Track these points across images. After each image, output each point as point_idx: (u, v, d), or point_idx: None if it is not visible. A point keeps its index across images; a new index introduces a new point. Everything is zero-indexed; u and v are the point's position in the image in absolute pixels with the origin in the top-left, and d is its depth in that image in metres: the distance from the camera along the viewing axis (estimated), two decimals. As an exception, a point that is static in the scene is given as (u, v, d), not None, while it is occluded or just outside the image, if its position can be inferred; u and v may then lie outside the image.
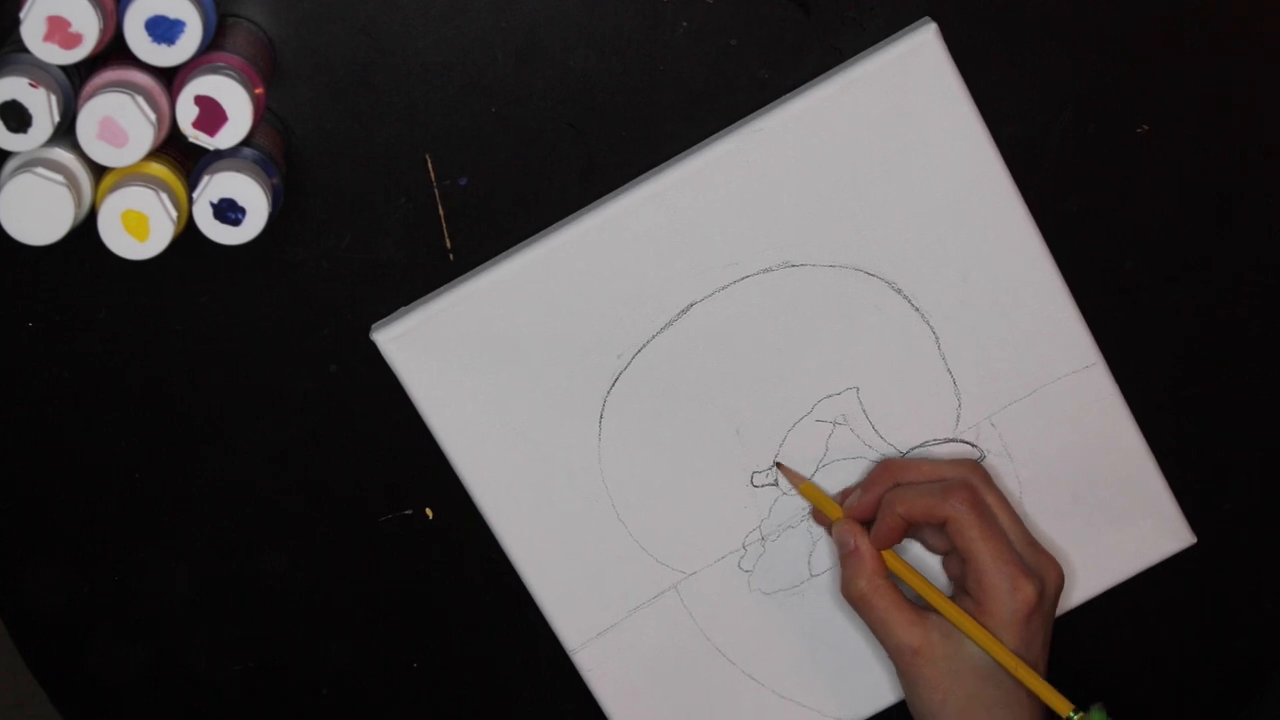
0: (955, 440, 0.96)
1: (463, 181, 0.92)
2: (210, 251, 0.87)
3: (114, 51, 0.83)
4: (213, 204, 0.85)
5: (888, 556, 0.92)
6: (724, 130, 0.91)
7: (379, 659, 1.00)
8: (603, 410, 0.94)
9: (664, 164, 0.92)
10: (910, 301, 0.94)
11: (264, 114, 0.88)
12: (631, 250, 0.92)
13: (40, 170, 0.83)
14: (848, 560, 0.92)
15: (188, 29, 0.82)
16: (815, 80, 0.91)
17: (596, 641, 0.97)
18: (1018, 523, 0.91)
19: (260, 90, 0.85)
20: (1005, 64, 0.92)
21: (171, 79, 0.85)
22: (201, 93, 0.83)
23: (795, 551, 0.97)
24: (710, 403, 0.95)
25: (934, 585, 0.91)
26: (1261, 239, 0.97)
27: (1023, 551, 0.90)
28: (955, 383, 0.95)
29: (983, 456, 0.96)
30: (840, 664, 0.98)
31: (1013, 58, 0.92)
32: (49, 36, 0.81)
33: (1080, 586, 0.98)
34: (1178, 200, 0.95)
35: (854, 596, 0.91)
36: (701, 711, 0.98)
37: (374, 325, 0.93)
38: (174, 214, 0.84)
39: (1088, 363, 0.95)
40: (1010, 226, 0.92)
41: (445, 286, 0.92)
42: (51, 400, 0.94)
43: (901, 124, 0.91)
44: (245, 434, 0.95)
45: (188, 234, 0.87)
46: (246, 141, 0.86)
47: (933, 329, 0.94)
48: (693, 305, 0.93)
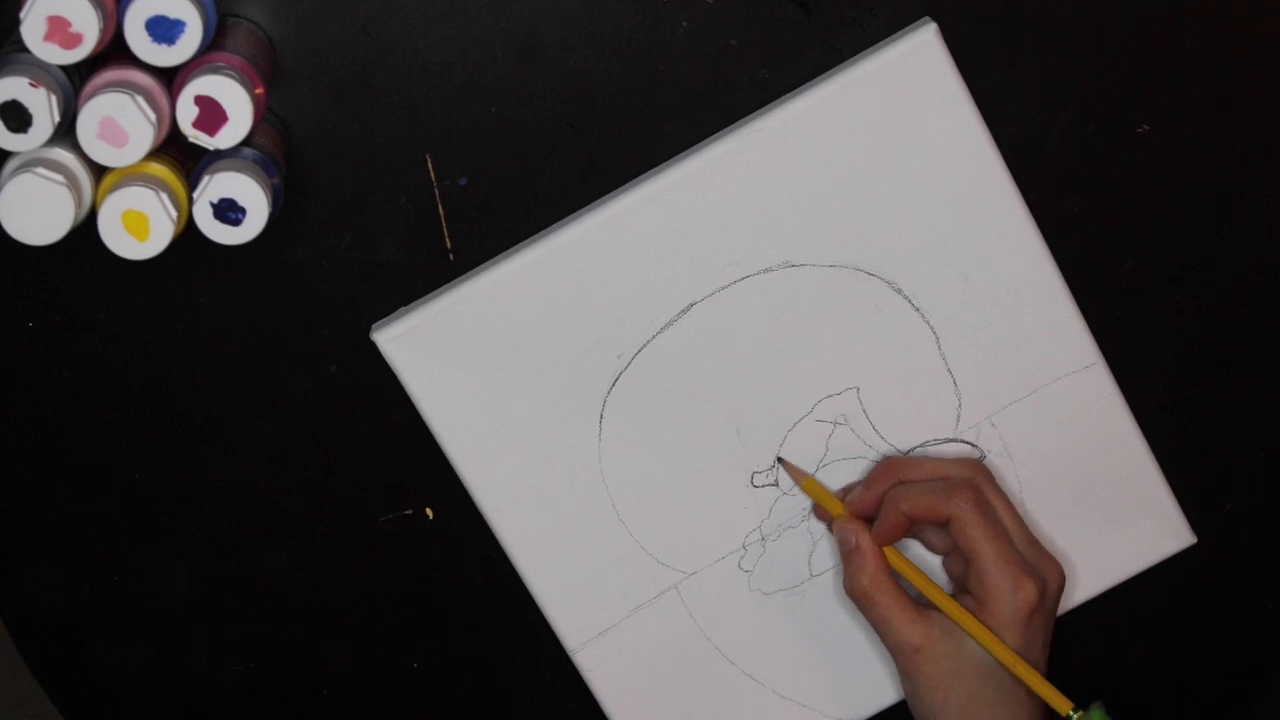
0: (955, 440, 0.96)
1: (463, 181, 0.92)
2: (210, 251, 0.87)
3: (114, 51, 0.83)
4: (213, 204, 0.85)
5: (889, 554, 0.92)
6: (724, 130, 0.91)
7: (379, 659, 1.00)
8: (603, 410, 0.94)
9: (664, 164, 0.92)
10: (910, 301, 0.94)
11: (264, 114, 0.88)
12: (631, 250, 0.92)
13: (40, 170, 0.83)
14: (850, 557, 0.92)
15: (188, 29, 0.82)
16: (815, 80, 0.91)
17: (597, 641, 0.97)
18: (1020, 522, 0.91)
19: (260, 90, 0.85)
20: (1005, 64, 0.92)
21: (172, 79, 0.85)
22: (202, 93, 0.83)
23: (795, 552, 0.97)
24: (710, 403, 0.94)
25: (935, 583, 0.91)
26: (1262, 239, 0.97)
27: (1025, 551, 0.90)
28: (955, 383, 0.95)
29: (983, 456, 0.96)
30: (840, 664, 0.98)
31: (1013, 58, 0.92)
32: (49, 36, 0.80)
33: (1080, 586, 0.98)
34: (1178, 200, 0.95)
35: (856, 593, 0.91)
36: (701, 711, 0.98)
37: (374, 325, 0.93)
38: (174, 214, 0.84)
39: (1088, 363, 0.95)
40: (1010, 226, 0.92)
41: (445, 286, 0.92)
42: (51, 400, 0.94)
43: (902, 124, 0.91)
44: (245, 434, 0.95)
45: (188, 234, 0.86)
46: (247, 141, 0.86)
47: (933, 329, 0.94)
48: (693, 305, 0.93)
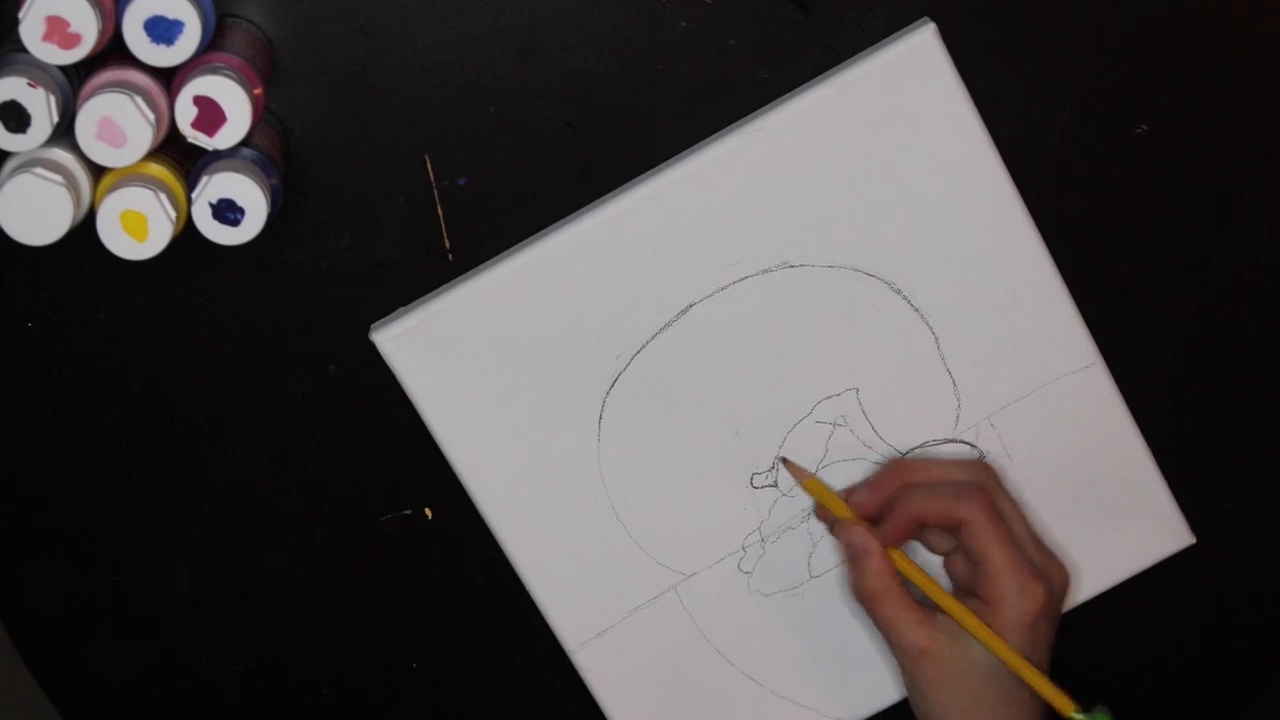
0: (955, 440, 0.96)
1: (461, 181, 0.92)
2: (209, 252, 0.87)
3: (113, 52, 0.83)
4: (211, 204, 0.85)
5: (895, 556, 0.91)
6: (723, 130, 0.91)
7: (379, 659, 1.00)
8: (602, 411, 0.94)
9: (663, 164, 0.92)
10: (909, 302, 0.93)
11: (263, 114, 0.88)
12: (630, 250, 0.92)
13: (39, 170, 0.83)
14: (856, 560, 0.91)
15: (186, 29, 0.82)
16: (814, 80, 0.91)
17: (596, 642, 0.97)
18: (1026, 525, 0.91)
19: (259, 90, 0.85)
20: (1004, 64, 0.92)
21: (170, 79, 0.85)
22: (200, 93, 0.83)
23: (795, 553, 0.97)
24: (709, 404, 0.94)
25: (940, 585, 0.91)
26: (1261, 239, 0.96)
27: (1031, 554, 0.90)
28: (955, 383, 0.95)
29: (982, 457, 0.96)
30: (839, 665, 0.98)
31: (1012, 58, 0.92)
32: (48, 36, 0.80)
33: (1080, 586, 0.98)
34: (1177, 200, 0.95)
35: (863, 596, 0.91)
36: (701, 712, 0.98)
37: (373, 325, 0.93)
38: (173, 214, 0.84)
39: (1087, 363, 0.95)
40: (1009, 227, 0.92)
41: (444, 287, 0.92)
42: (51, 400, 0.94)
43: (900, 124, 0.91)
44: (244, 434, 0.95)
45: (186, 234, 0.87)
46: (245, 142, 0.86)
47: (932, 329, 0.94)
48: (692, 306, 0.93)
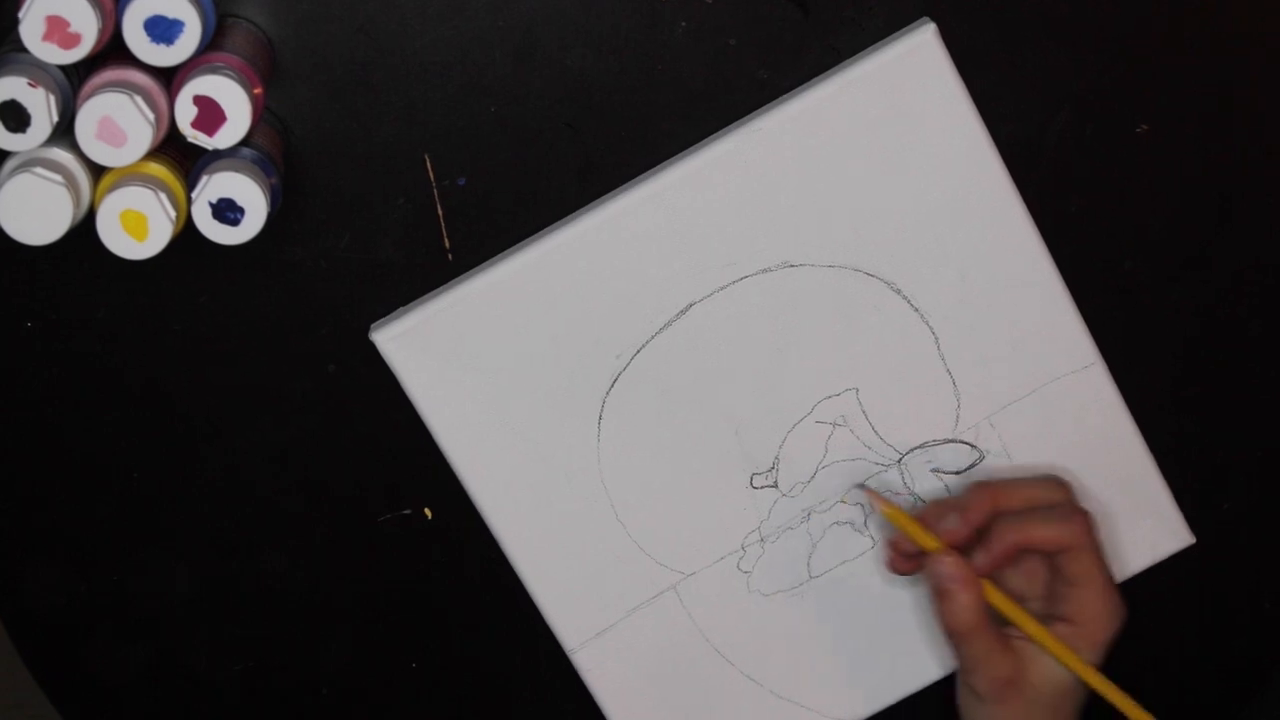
0: (955, 440, 0.96)
1: (461, 181, 0.92)
2: (209, 251, 0.87)
3: (113, 51, 0.83)
4: (211, 204, 0.85)
5: (984, 585, 0.89)
6: (722, 130, 0.91)
7: (379, 659, 1.00)
8: (601, 411, 0.94)
9: (663, 164, 0.91)
10: (909, 302, 0.93)
11: (263, 114, 0.88)
12: (630, 250, 0.92)
13: (39, 170, 0.83)
14: (949, 594, 0.88)
15: (186, 29, 0.82)
16: (814, 80, 0.91)
17: (595, 641, 0.97)
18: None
19: (259, 90, 0.85)
20: (1004, 64, 0.92)
21: (170, 79, 0.85)
22: (200, 93, 0.83)
23: (794, 553, 0.97)
24: (709, 403, 0.94)
25: (1027, 611, 0.89)
26: (1262, 239, 0.96)
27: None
28: (954, 383, 0.95)
29: (982, 457, 0.96)
30: (839, 665, 0.98)
31: (1011, 57, 0.92)
32: (48, 36, 0.81)
33: (1080, 587, 0.98)
34: (1177, 200, 0.95)
35: (953, 630, 0.88)
36: (700, 712, 0.98)
37: (373, 325, 0.93)
38: (173, 214, 0.84)
39: (1087, 362, 0.95)
40: (1009, 226, 0.92)
41: (444, 286, 0.92)
42: (50, 400, 0.94)
43: (900, 124, 0.91)
44: (244, 434, 0.95)
45: (186, 234, 0.87)
46: (245, 141, 0.86)
47: (932, 329, 0.94)
48: (692, 305, 0.93)
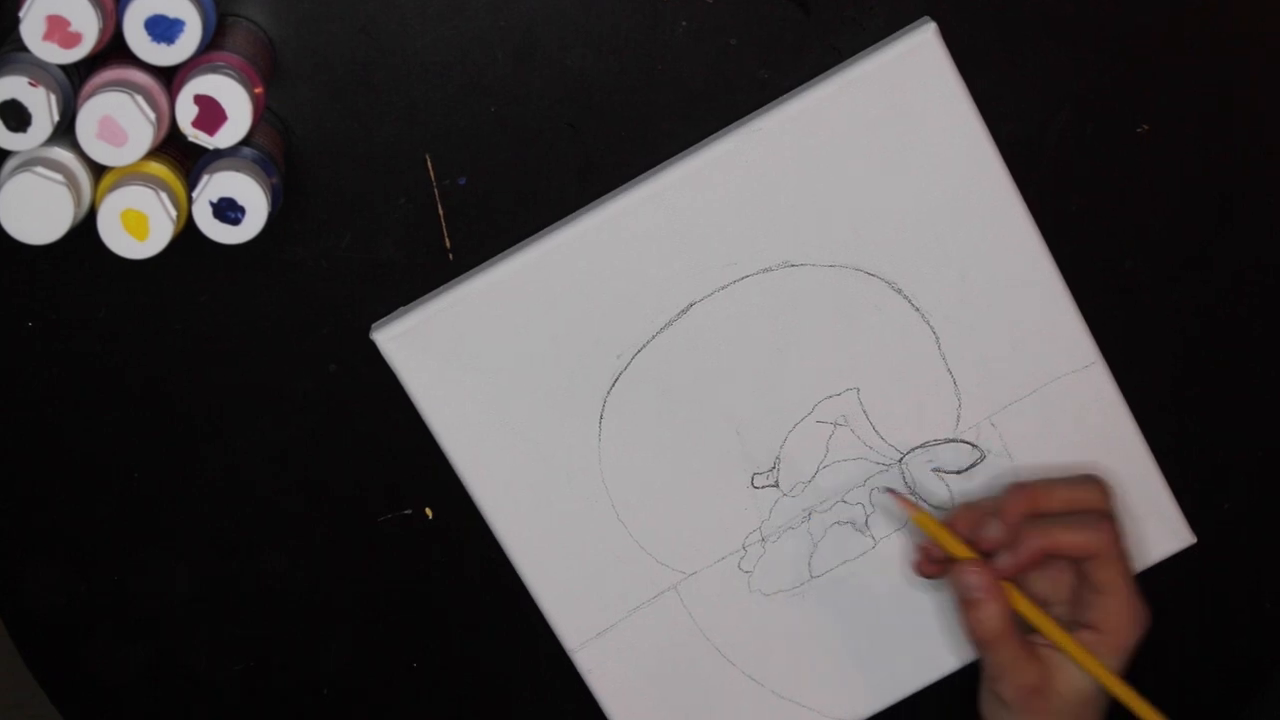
0: (956, 440, 0.96)
1: (462, 181, 0.92)
2: (210, 251, 0.87)
3: (113, 51, 0.83)
4: (212, 203, 0.85)
5: (1010, 592, 0.88)
6: (723, 130, 0.91)
7: (379, 659, 1.00)
8: (602, 410, 0.94)
9: (663, 164, 0.92)
10: (910, 301, 0.93)
11: (263, 113, 0.88)
12: (631, 250, 0.92)
13: (40, 169, 0.83)
14: (976, 603, 0.88)
15: (187, 28, 0.82)
16: (814, 80, 0.91)
17: (596, 641, 0.97)
18: None
19: (260, 90, 0.85)
20: (1004, 63, 0.92)
21: (171, 78, 0.85)
22: (201, 92, 0.83)
23: (795, 553, 0.97)
24: (710, 403, 0.94)
25: (1052, 619, 0.89)
26: (1262, 238, 0.96)
27: None
28: (955, 382, 0.95)
29: (983, 457, 0.96)
30: (839, 665, 0.98)
31: (1012, 57, 0.92)
32: (48, 35, 0.81)
33: (1080, 587, 0.98)
34: (1178, 200, 0.95)
35: (980, 639, 0.88)
36: (700, 712, 0.98)
37: (373, 325, 0.93)
38: (173, 213, 0.84)
39: (1087, 362, 0.95)
40: (1010, 226, 0.92)
41: (445, 286, 0.92)
42: (51, 400, 0.94)
43: (901, 123, 0.91)
44: (245, 434, 0.95)
45: (187, 233, 0.87)
46: (246, 141, 0.86)
47: (932, 329, 0.94)
48: (692, 305, 0.93)
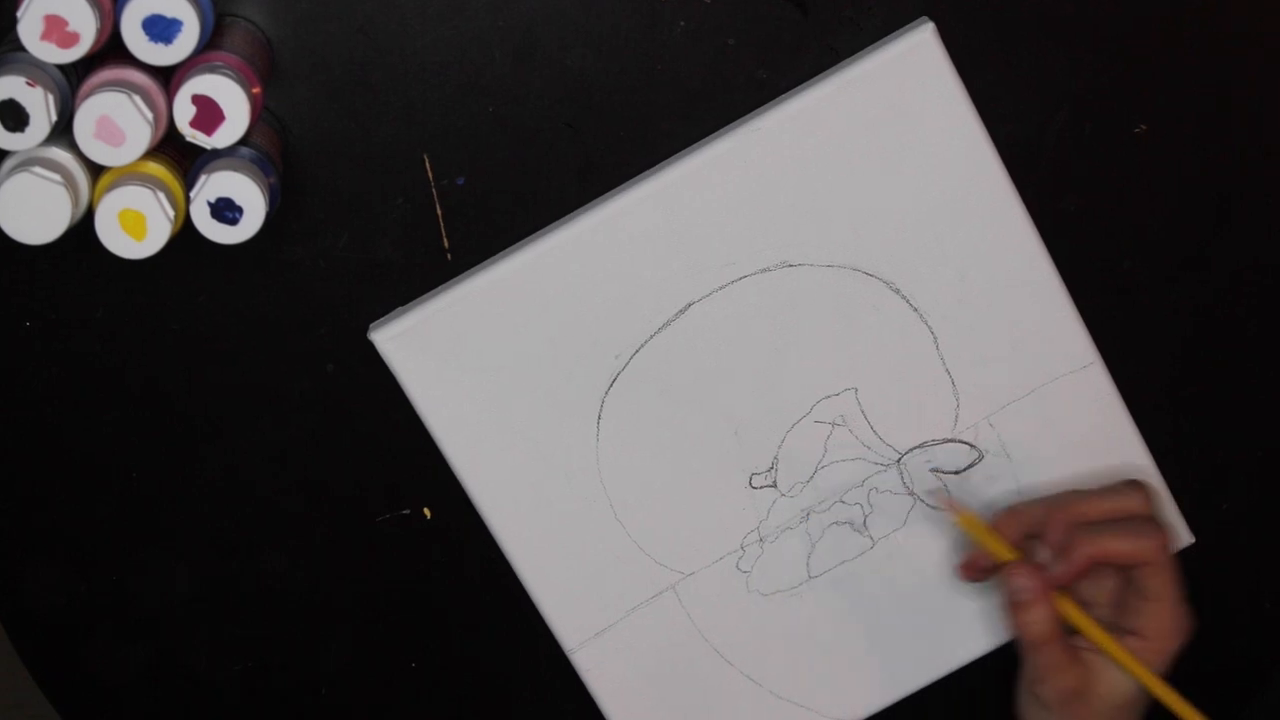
0: (954, 440, 0.96)
1: (460, 181, 0.92)
2: (208, 251, 0.87)
3: (111, 50, 0.84)
4: (210, 203, 0.85)
5: (1057, 598, 0.89)
6: (721, 130, 0.91)
7: (378, 659, 1.00)
8: (601, 410, 0.94)
9: (661, 164, 0.91)
10: (908, 301, 0.93)
11: (261, 113, 0.88)
12: (629, 250, 0.92)
13: (37, 169, 0.83)
14: (1025, 606, 0.88)
15: (185, 28, 0.82)
16: (813, 80, 0.91)
17: (594, 641, 0.97)
18: None
19: (257, 89, 0.85)
20: (1002, 63, 0.92)
21: (169, 78, 0.85)
22: (199, 92, 0.83)
23: (793, 553, 0.97)
24: (708, 403, 0.94)
25: (1099, 624, 0.89)
26: (1261, 239, 0.96)
27: None
28: (953, 382, 0.95)
29: (981, 456, 0.96)
30: (838, 665, 0.98)
31: (1010, 57, 0.92)
32: (46, 35, 0.81)
33: (1079, 587, 0.98)
34: (1176, 200, 0.95)
35: (1033, 640, 0.88)
36: (699, 712, 0.98)
37: (372, 325, 0.93)
38: (171, 213, 0.84)
39: (1085, 362, 0.95)
40: (1008, 226, 0.92)
41: (443, 286, 0.92)
42: (49, 400, 0.94)
43: (899, 124, 0.91)
44: (243, 433, 0.95)
45: (185, 233, 0.87)
46: (244, 141, 0.86)
47: (931, 329, 0.94)
48: (690, 305, 0.93)
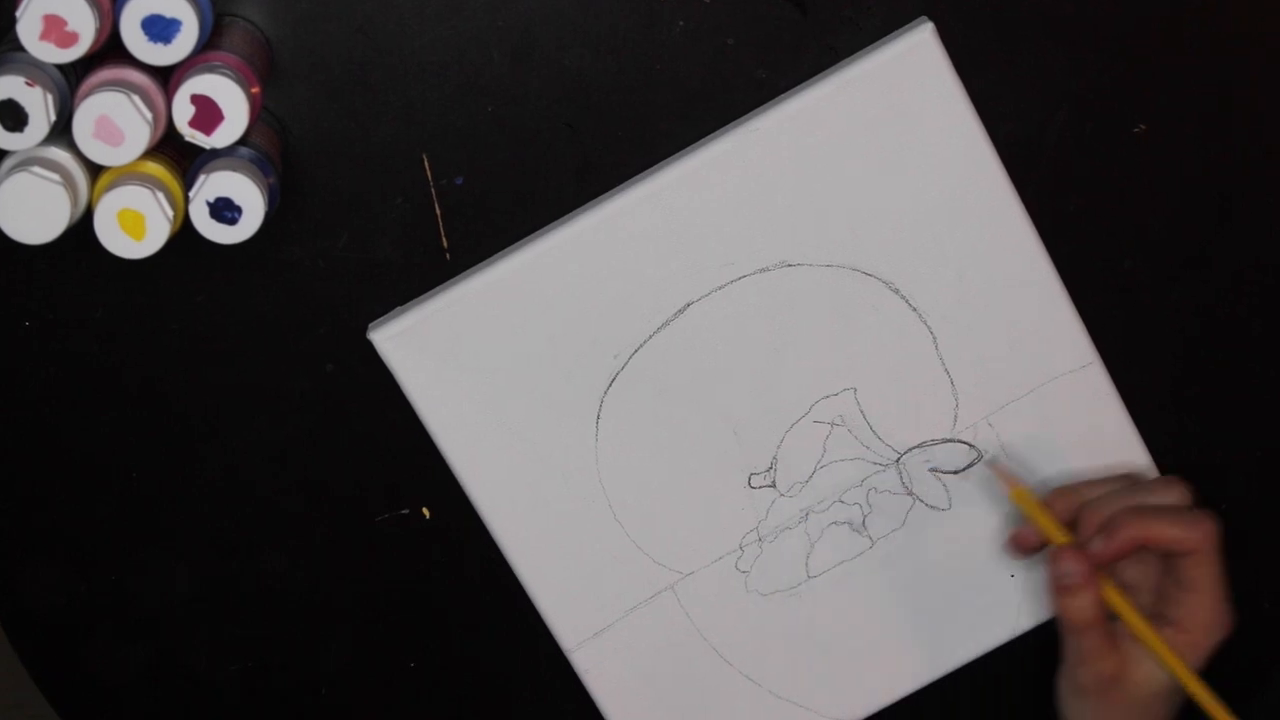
0: (953, 440, 0.96)
1: (459, 181, 0.92)
2: (207, 251, 0.87)
3: (110, 50, 0.84)
4: (209, 203, 0.85)
5: (1101, 582, 0.90)
6: (720, 130, 0.91)
7: (379, 659, 1.00)
8: (599, 410, 0.94)
9: (660, 164, 0.91)
10: (907, 301, 0.93)
11: (260, 113, 0.88)
12: (628, 250, 0.92)
13: (36, 169, 0.83)
14: (1071, 589, 0.89)
15: (184, 28, 0.82)
16: (812, 80, 0.91)
17: (593, 641, 0.96)
18: None
19: (256, 89, 0.85)
20: (1002, 63, 0.92)
21: (168, 78, 0.85)
22: (198, 92, 0.83)
23: (792, 553, 0.97)
24: (707, 403, 0.94)
25: (1139, 611, 0.90)
26: (1262, 238, 0.96)
27: None
28: (953, 382, 0.95)
29: (980, 456, 0.96)
30: (837, 664, 0.98)
31: (1010, 57, 0.92)
32: (45, 35, 0.81)
33: (1079, 587, 0.98)
34: (1177, 199, 0.95)
35: (1076, 624, 0.89)
36: (698, 712, 0.98)
37: (371, 325, 0.93)
38: (170, 213, 0.84)
39: (1085, 362, 0.95)
40: (1007, 226, 0.92)
41: (442, 286, 0.92)
42: (48, 400, 0.94)
43: (898, 123, 0.91)
44: (242, 433, 0.95)
45: (184, 233, 0.87)
46: (243, 141, 0.86)
47: (930, 329, 0.94)
48: (689, 305, 0.93)
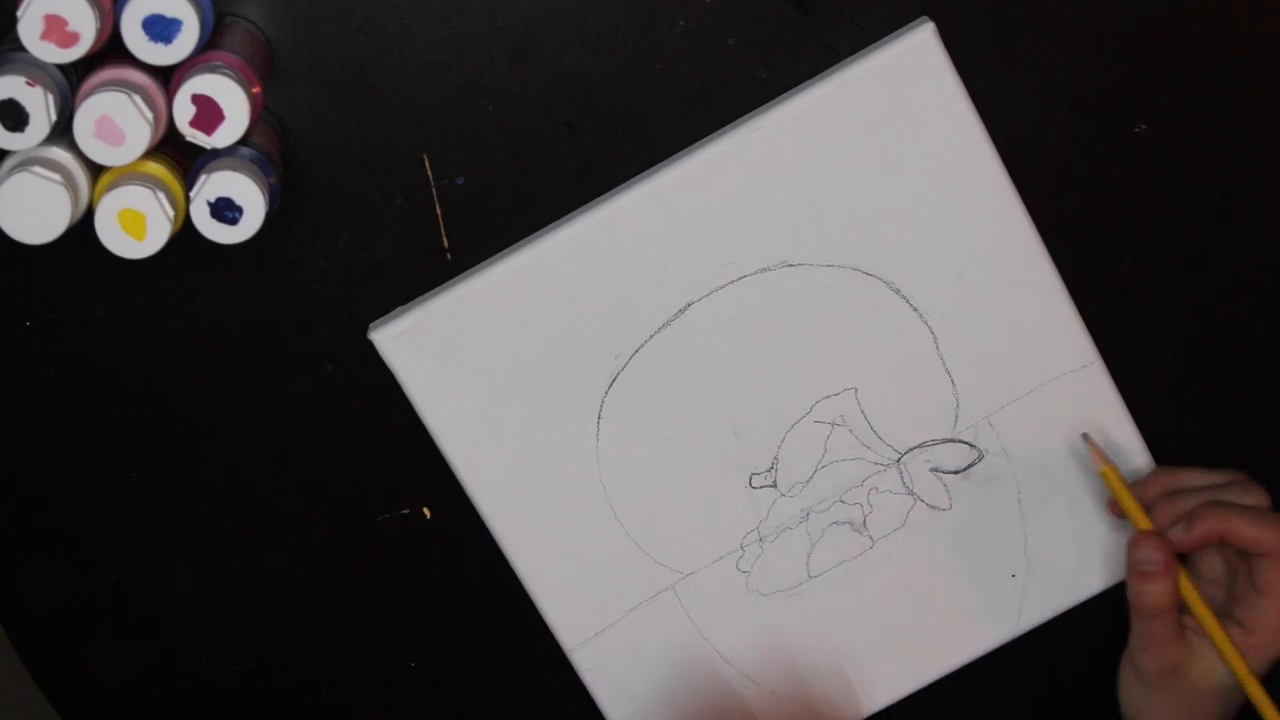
0: (954, 440, 0.96)
1: (460, 181, 0.92)
2: (207, 251, 0.87)
3: (111, 50, 0.84)
4: (210, 203, 0.85)
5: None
6: (721, 130, 0.91)
7: (379, 659, 1.00)
8: (600, 411, 0.94)
9: (661, 164, 0.91)
10: (908, 301, 0.93)
11: (261, 113, 0.88)
12: (628, 250, 0.92)
13: (37, 169, 0.83)
14: (1149, 576, 0.89)
15: (185, 28, 0.82)
16: (812, 80, 0.91)
17: (594, 641, 0.97)
18: None
19: (257, 89, 0.85)
20: (1002, 63, 0.92)
21: (169, 78, 0.85)
22: (198, 92, 0.83)
23: (793, 553, 0.97)
24: (708, 403, 0.94)
25: (1209, 605, 0.90)
26: (1262, 238, 0.96)
27: None
28: (953, 382, 0.95)
29: (981, 456, 0.96)
30: (837, 665, 0.98)
31: (1010, 57, 0.92)
32: (46, 35, 0.81)
33: (1079, 587, 0.98)
34: (1177, 200, 0.95)
35: (1149, 610, 0.90)
36: (698, 711, 0.98)
37: (371, 325, 0.93)
38: (171, 213, 0.84)
39: (1085, 362, 0.95)
40: (1007, 225, 0.92)
41: (442, 286, 0.92)
42: (49, 399, 0.94)
43: (899, 123, 0.91)
44: (242, 433, 0.95)
45: (185, 233, 0.87)
46: (243, 141, 0.86)
47: (930, 329, 0.94)
48: (690, 305, 0.93)
